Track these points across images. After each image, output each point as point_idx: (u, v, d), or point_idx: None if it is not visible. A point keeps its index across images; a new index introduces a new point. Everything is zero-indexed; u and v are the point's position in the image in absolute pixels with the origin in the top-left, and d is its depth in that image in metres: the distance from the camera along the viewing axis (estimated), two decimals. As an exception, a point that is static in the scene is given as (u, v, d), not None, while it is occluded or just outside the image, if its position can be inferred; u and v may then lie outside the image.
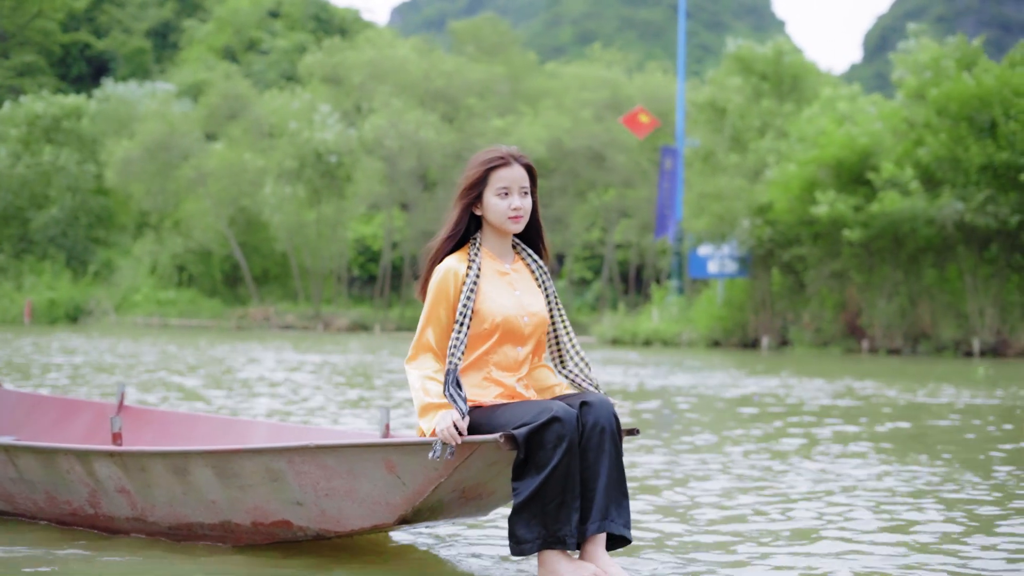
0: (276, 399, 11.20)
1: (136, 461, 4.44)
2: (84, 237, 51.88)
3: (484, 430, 3.90)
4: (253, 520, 4.31)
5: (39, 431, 6.02)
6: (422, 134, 43.24)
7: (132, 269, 50.33)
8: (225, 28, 66.38)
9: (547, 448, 3.78)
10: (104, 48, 65.60)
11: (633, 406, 11.20)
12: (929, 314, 28.37)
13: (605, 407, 3.93)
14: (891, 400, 12.51)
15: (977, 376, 17.84)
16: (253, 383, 13.42)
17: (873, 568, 4.21)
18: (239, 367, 16.72)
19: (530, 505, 3.81)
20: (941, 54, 28.01)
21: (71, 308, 46.75)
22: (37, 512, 4.95)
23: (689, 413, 10.79)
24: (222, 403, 10.74)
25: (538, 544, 3.82)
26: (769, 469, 6.82)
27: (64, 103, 53.37)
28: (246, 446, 4.20)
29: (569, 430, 3.80)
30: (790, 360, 23.87)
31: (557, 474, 3.78)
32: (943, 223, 26.73)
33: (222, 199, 46.65)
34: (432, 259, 4.18)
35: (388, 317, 45.48)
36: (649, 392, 13.37)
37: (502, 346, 4.10)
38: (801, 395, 13.05)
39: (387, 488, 3.97)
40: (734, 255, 31.69)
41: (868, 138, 27.77)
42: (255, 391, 12.23)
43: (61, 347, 21.99)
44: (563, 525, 3.81)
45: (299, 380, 14.04)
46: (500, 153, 4.13)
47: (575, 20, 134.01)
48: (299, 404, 10.66)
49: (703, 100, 36.90)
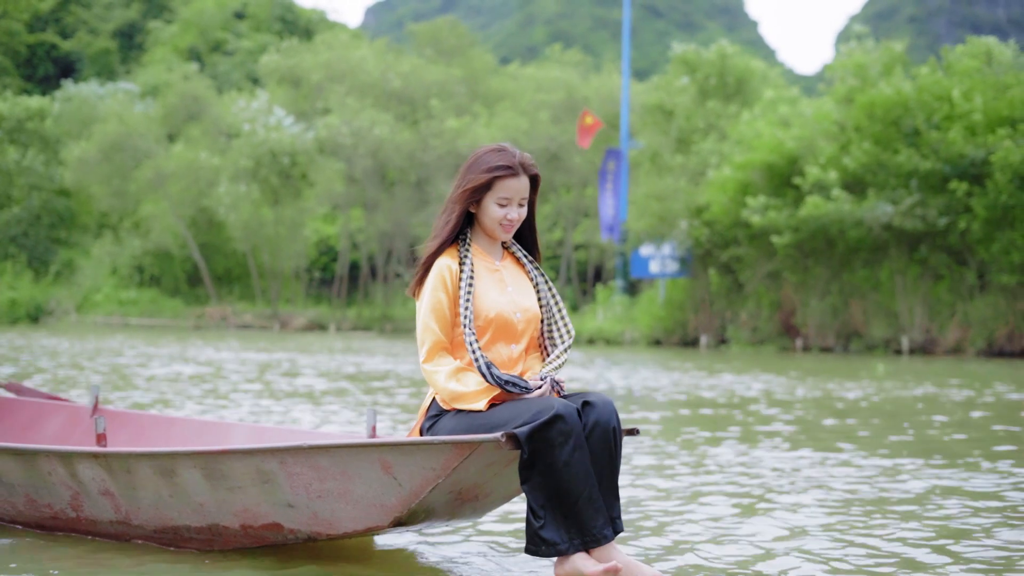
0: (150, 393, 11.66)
1: (122, 462, 4.31)
2: (46, 237, 52.22)
3: (481, 429, 3.82)
4: (242, 523, 4.21)
5: (10, 434, 5.86)
6: (376, 132, 43.72)
7: (94, 269, 50.69)
8: (190, 29, 66.69)
9: (555, 446, 3.69)
10: (70, 49, 65.80)
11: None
12: (861, 313, 29.04)
13: (607, 407, 3.87)
14: (770, 392, 13.08)
15: (876, 373, 18.46)
16: (133, 378, 13.86)
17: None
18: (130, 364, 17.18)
19: (556, 506, 3.73)
20: (867, 60, 28.67)
21: (32, 308, 47.05)
22: (16, 516, 4.80)
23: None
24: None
25: (576, 546, 3.74)
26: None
27: (28, 104, 53.74)
28: (236, 446, 4.10)
29: (573, 426, 3.72)
30: (721, 358, 24.46)
31: (574, 471, 3.70)
32: (872, 225, 27.38)
33: (181, 200, 47.06)
34: (427, 259, 4.08)
35: (346, 316, 45.97)
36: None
37: (495, 344, 4.03)
38: (689, 389, 13.62)
39: (382, 489, 3.89)
40: (674, 255, 32.30)
41: (796, 142, 28.43)
42: (132, 385, 12.68)
43: (10, 346, 22.39)
44: (597, 521, 3.74)
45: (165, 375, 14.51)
46: (509, 162, 4.03)
47: (548, 20, 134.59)
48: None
49: (651, 102, 37.50)
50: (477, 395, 3.86)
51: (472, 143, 44.58)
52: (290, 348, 25.44)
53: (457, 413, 3.92)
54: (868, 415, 10.82)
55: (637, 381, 15.64)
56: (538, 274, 4.20)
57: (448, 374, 3.91)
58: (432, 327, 3.97)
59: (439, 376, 3.91)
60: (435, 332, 3.97)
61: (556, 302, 4.18)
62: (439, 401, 4.00)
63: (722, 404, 11.96)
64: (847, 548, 4.66)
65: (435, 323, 3.97)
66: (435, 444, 3.73)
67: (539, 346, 4.19)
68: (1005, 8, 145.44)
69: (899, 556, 4.53)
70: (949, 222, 27.37)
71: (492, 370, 3.85)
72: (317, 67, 47.76)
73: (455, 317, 3.99)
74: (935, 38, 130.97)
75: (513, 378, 3.86)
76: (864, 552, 4.60)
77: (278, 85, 49.52)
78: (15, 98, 54.52)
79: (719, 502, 5.75)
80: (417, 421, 4.09)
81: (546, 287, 4.17)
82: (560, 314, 4.17)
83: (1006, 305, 27.05)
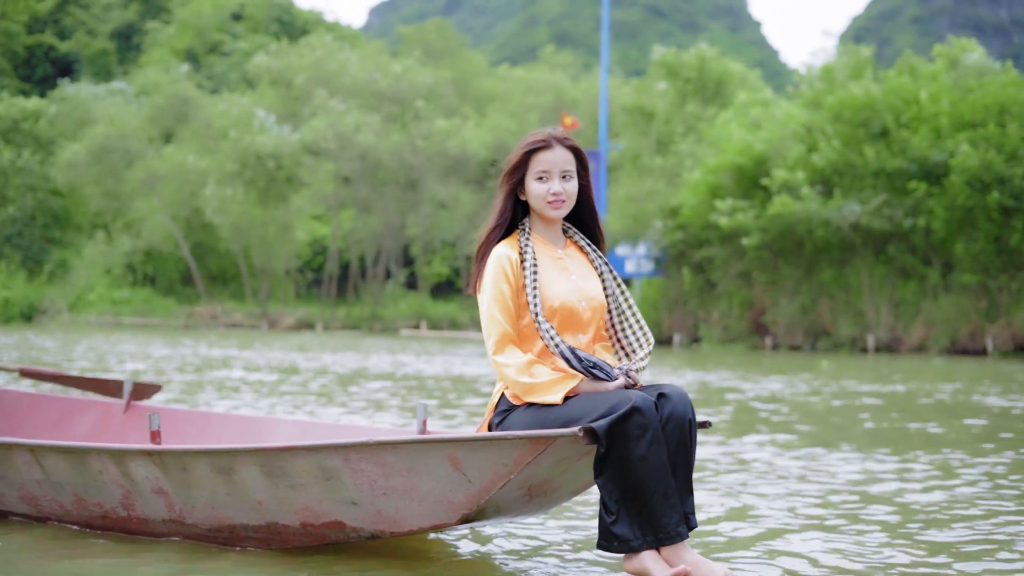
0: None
1: (177, 460, 4.19)
2: (40, 237, 52.90)
3: (555, 424, 3.69)
4: (303, 521, 4.09)
5: (41, 430, 5.77)
6: (360, 137, 44.22)
7: (87, 268, 51.32)
8: (187, 30, 67.26)
9: (631, 440, 3.57)
10: (68, 50, 66.41)
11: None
12: (829, 312, 29.46)
13: (683, 400, 3.73)
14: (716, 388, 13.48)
15: (820, 369, 18.90)
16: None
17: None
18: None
19: (630, 501, 3.63)
20: (835, 65, 29.14)
21: (26, 307, 47.71)
22: (63, 515, 4.67)
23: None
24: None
25: (649, 542, 3.62)
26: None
27: (25, 106, 54.47)
28: (298, 443, 3.97)
29: (651, 419, 3.60)
30: (692, 356, 24.88)
31: (650, 466, 3.59)
32: (839, 225, 27.81)
33: (173, 200, 47.66)
34: (481, 249, 3.97)
35: (335, 316, 46.48)
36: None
37: (562, 335, 3.88)
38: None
39: (451, 486, 3.77)
40: (649, 255, 32.75)
41: (764, 145, 28.87)
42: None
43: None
44: (671, 518, 3.62)
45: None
46: (541, 136, 3.95)
47: (551, 20, 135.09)
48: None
49: (631, 104, 37.95)
50: (551, 387, 3.74)
51: (461, 144, 45.14)
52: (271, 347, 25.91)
53: (529, 407, 3.79)
54: (794, 408, 11.24)
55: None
56: (602, 263, 4.06)
57: (519, 368, 3.77)
58: (498, 318, 3.84)
59: (510, 370, 3.78)
60: (502, 324, 3.84)
61: (626, 299, 4.05)
62: (508, 396, 3.87)
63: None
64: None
65: (500, 314, 3.84)
66: (508, 439, 3.60)
67: (609, 340, 4.04)
68: (1008, 8, 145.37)
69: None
70: (915, 223, 27.78)
71: (578, 353, 3.75)
72: (302, 69, 48.27)
73: (518, 308, 3.87)
74: (938, 39, 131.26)
75: (599, 362, 3.77)
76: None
77: (269, 87, 50.07)
78: (11, 99, 55.20)
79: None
80: (485, 417, 3.96)
81: (611, 277, 4.03)
82: (635, 317, 4.03)
83: (969, 304, 27.45)
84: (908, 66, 29.03)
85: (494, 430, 3.84)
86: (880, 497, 5.58)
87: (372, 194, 47.67)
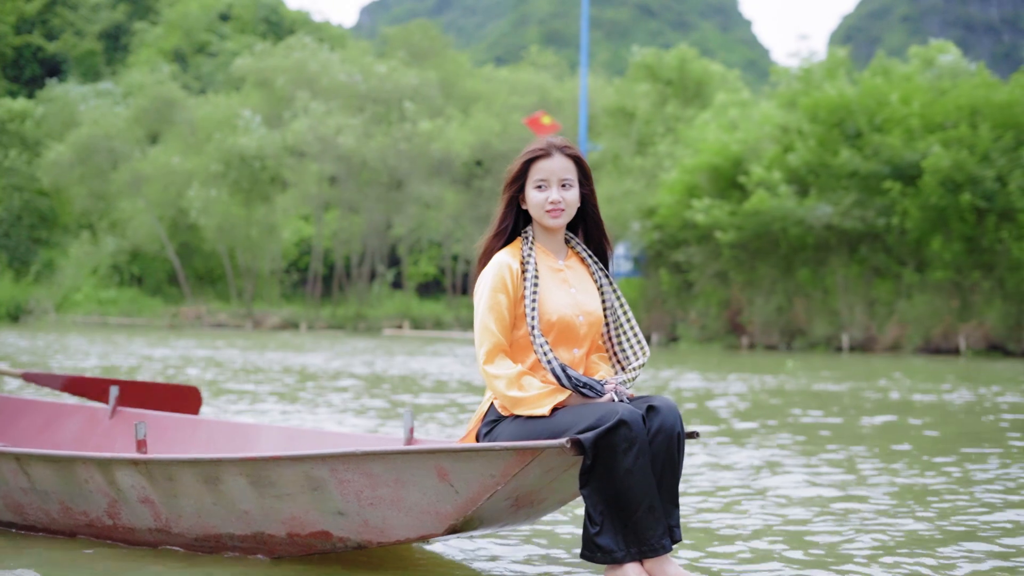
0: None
1: (163, 470, 4.18)
2: (27, 237, 53.07)
3: (543, 435, 3.70)
4: (289, 531, 4.08)
5: (26, 437, 5.71)
6: (341, 139, 44.40)
7: (74, 269, 51.48)
8: (175, 31, 67.36)
9: (618, 452, 3.59)
10: (56, 51, 66.52)
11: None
12: (804, 312, 29.70)
13: (672, 412, 3.73)
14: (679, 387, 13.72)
15: (786, 368, 19.12)
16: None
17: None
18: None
19: (615, 513, 3.64)
20: (811, 66, 29.37)
21: (12, 307, 47.89)
22: (49, 524, 4.65)
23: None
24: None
25: (633, 554, 3.64)
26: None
27: (12, 106, 54.63)
28: (285, 453, 3.97)
29: (638, 432, 3.60)
30: (669, 356, 25.07)
31: (636, 479, 3.60)
32: (813, 224, 28.05)
33: (158, 201, 47.83)
34: (482, 257, 3.99)
35: (319, 316, 46.65)
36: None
37: (557, 348, 3.89)
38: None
39: (438, 497, 3.76)
40: (628, 256, 32.98)
41: (739, 145, 29.11)
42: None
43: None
44: (655, 532, 3.64)
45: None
46: (540, 144, 3.95)
47: (542, 20, 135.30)
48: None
49: (611, 105, 38.17)
50: (540, 399, 3.75)
51: (446, 145, 45.31)
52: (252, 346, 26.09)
53: (516, 418, 3.81)
54: (730, 406, 11.45)
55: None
56: (603, 275, 4.05)
57: (509, 380, 3.77)
58: (491, 328, 3.84)
59: (500, 383, 3.78)
60: (494, 334, 3.84)
61: (625, 311, 4.06)
62: (497, 407, 3.88)
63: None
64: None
65: (494, 324, 3.84)
66: (495, 450, 3.61)
67: (605, 351, 4.07)
68: (998, 7, 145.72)
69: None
70: (888, 223, 28.02)
71: (568, 372, 3.75)
72: (283, 71, 48.42)
73: (514, 318, 3.87)
74: (929, 38, 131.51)
75: (590, 381, 3.76)
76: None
77: (254, 88, 50.22)
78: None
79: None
80: (472, 426, 3.97)
81: (611, 289, 4.04)
82: (632, 329, 4.04)
83: (942, 304, 27.69)
84: (882, 68, 29.26)
85: (481, 440, 3.87)
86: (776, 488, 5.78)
87: (357, 194, 47.83)
